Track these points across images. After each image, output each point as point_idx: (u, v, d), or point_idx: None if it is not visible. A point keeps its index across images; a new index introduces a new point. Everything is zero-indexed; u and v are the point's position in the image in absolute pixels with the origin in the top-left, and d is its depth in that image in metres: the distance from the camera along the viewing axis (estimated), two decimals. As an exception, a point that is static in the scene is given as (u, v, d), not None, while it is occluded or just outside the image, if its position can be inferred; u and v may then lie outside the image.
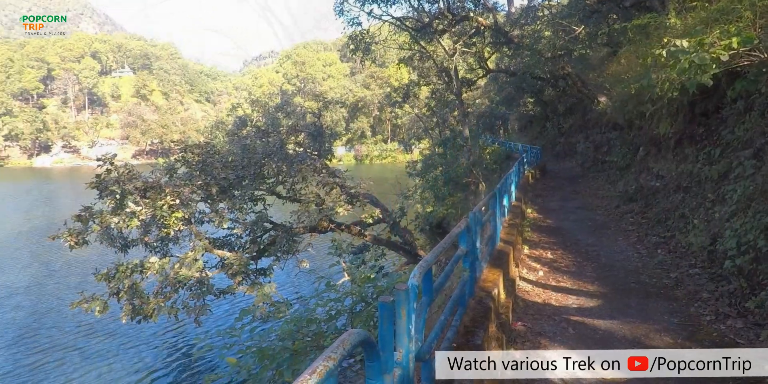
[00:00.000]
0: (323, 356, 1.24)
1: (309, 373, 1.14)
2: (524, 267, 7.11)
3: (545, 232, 9.48)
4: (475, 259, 4.23)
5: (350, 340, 1.37)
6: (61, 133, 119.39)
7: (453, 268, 3.21)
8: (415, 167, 30.05)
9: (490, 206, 6.11)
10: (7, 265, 21.97)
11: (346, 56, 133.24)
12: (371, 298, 3.35)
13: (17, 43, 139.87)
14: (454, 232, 3.30)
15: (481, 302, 4.00)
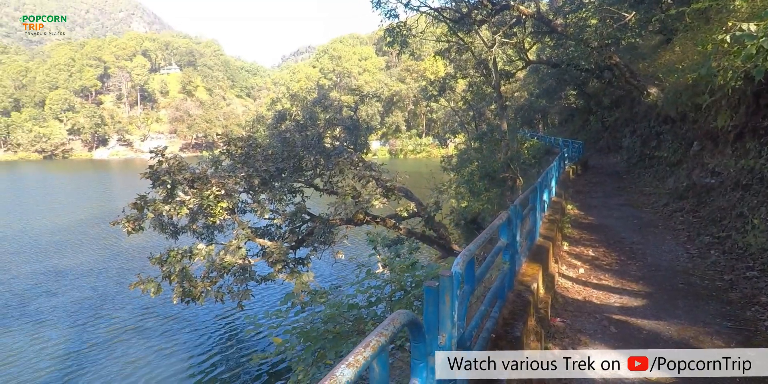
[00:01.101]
0: (375, 332, 1.31)
1: (363, 346, 1.21)
2: (564, 263, 6.98)
3: (586, 229, 9.23)
4: (515, 252, 4.20)
5: (399, 320, 1.42)
6: (117, 127, 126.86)
7: (494, 259, 3.22)
8: (450, 162, 29.79)
9: (530, 200, 6.03)
10: (74, 249, 23.59)
11: (382, 50, 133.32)
12: (410, 286, 3.40)
13: (78, 43, 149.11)
14: (495, 224, 3.30)
15: (520, 296, 3.98)
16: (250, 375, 10.91)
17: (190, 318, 14.14)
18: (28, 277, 18.82)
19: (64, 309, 15.14)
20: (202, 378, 10.81)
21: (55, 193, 51.82)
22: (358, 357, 1.16)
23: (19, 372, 11.05)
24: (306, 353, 3.02)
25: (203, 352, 12.07)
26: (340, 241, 13.24)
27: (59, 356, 11.84)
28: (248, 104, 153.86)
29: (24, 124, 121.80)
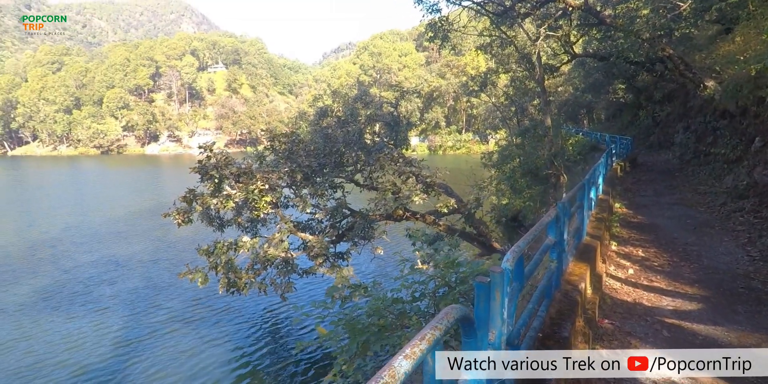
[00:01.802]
0: (430, 326, 1.32)
1: (419, 339, 1.23)
2: (612, 264, 6.74)
3: (636, 228, 8.87)
4: (562, 250, 4.10)
5: (453, 314, 1.43)
6: (167, 124, 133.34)
7: (542, 257, 3.15)
8: (490, 158, 29.29)
9: (577, 198, 5.85)
10: (129, 239, 25.00)
11: (422, 46, 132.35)
12: (454, 282, 3.39)
13: (132, 44, 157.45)
14: (544, 221, 3.23)
15: (567, 295, 3.89)
16: (292, 364, 11.20)
17: (238, 309, 14.63)
18: (90, 265, 20.08)
19: (122, 297, 16.03)
20: (246, 366, 11.20)
21: (111, 186, 55.15)
22: (415, 349, 1.18)
23: (85, 356, 11.78)
24: (351, 344, 3.08)
25: (249, 342, 12.47)
26: (380, 237, 13.32)
27: (117, 343, 12.54)
28: (290, 101, 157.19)
29: (83, 121, 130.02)
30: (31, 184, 59.55)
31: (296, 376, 10.78)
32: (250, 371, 10.98)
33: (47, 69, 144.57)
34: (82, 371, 10.98)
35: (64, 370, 11.00)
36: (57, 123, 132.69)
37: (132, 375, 10.74)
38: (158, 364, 11.20)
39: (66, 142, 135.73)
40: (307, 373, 10.74)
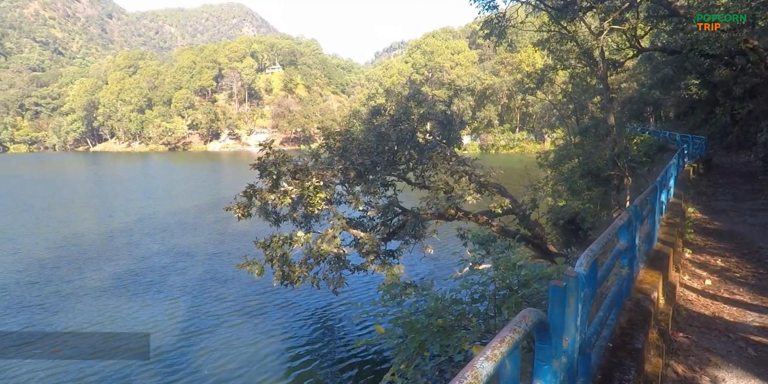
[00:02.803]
0: (508, 328, 1.26)
1: (498, 341, 1.17)
2: (686, 273, 6.23)
3: (713, 235, 8.17)
4: (633, 256, 3.82)
5: (531, 318, 1.35)
6: (228, 122, 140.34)
7: (613, 262, 2.94)
8: (547, 158, 28.36)
9: (648, 201, 5.46)
10: (193, 231, 26.49)
11: (475, 43, 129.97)
12: (516, 285, 3.24)
13: (198, 48, 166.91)
14: (616, 225, 3.01)
15: (639, 304, 3.61)
16: (346, 360, 11.32)
17: (297, 304, 14.92)
18: (160, 255, 21.40)
19: (189, 287, 16.89)
20: (301, 359, 11.44)
21: (177, 180, 58.75)
22: (495, 351, 1.12)
23: (158, 341, 12.52)
24: (410, 344, 3.02)
25: (305, 336, 12.71)
26: (430, 236, 13.19)
27: (184, 330, 13.20)
28: (343, 100, 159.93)
29: (154, 120, 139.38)
30: (109, 178, 64.68)
31: (348, 371, 10.90)
32: (305, 364, 11.21)
33: (124, 72, 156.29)
34: (155, 355, 11.65)
35: (141, 354, 11.73)
36: (131, 122, 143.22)
37: (197, 361, 11.26)
38: (220, 352, 11.69)
39: (139, 139, 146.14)
40: (362, 369, 10.82)
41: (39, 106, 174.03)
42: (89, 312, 14.33)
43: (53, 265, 19.65)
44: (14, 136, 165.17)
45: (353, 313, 13.80)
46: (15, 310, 14.55)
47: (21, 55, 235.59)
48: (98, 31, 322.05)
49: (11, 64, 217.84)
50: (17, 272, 18.50)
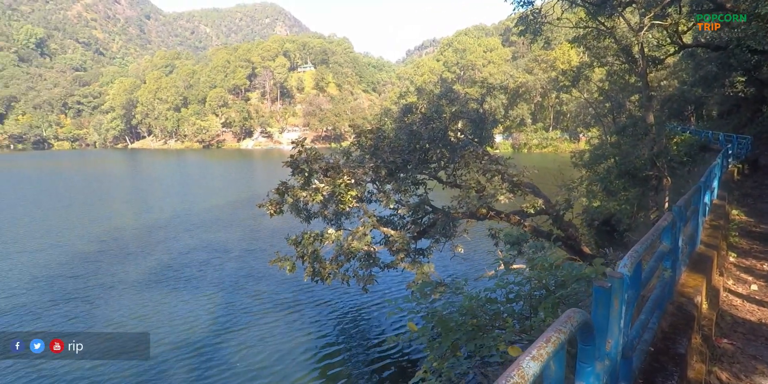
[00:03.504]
0: (553, 328, 1.25)
1: (544, 341, 1.17)
2: (730, 277, 5.99)
3: (759, 239, 7.81)
4: (676, 259, 3.70)
5: (576, 318, 1.34)
6: (260, 121, 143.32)
7: (657, 264, 2.86)
8: (582, 157, 27.72)
9: (692, 202, 5.27)
10: (227, 227, 27.19)
11: (508, 40, 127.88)
12: (553, 286, 3.19)
13: (233, 47, 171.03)
14: (660, 226, 2.93)
15: (681, 308, 3.51)
16: (375, 356, 11.41)
17: (329, 300, 15.14)
18: (195, 249, 22.07)
19: (223, 281, 17.36)
20: (330, 354, 11.60)
21: (211, 177, 60.50)
22: (541, 351, 1.12)
23: (197, 337, 12.96)
24: (444, 342, 3.03)
25: (337, 332, 12.88)
26: (460, 235, 13.10)
27: (221, 325, 13.56)
28: (373, 99, 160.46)
29: (189, 118, 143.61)
30: (147, 174, 67.25)
31: (374, 364, 10.98)
32: (334, 355, 11.39)
33: (161, 72, 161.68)
34: (192, 348, 12.04)
35: (180, 346, 12.14)
36: (168, 120, 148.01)
37: (233, 356, 11.55)
38: (254, 347, 11.93)
39: (174, 137, 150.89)
40: (391, 365, 10.88)
41: (81, 105, 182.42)
42: (131, 306, 14.83)
43: (95, 258, 20.54)
44: (58, 134, 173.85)
45: (384, 310, 13.88)
46: (62, 302, 15.19)
47: (65, 55, 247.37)
48: (137, 32, 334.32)
49: (56, 64, 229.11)
50: (62, 265, 19.38)
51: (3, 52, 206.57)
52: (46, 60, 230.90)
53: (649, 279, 2.66)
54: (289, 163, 11.04)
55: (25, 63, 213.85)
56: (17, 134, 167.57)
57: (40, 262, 19.84)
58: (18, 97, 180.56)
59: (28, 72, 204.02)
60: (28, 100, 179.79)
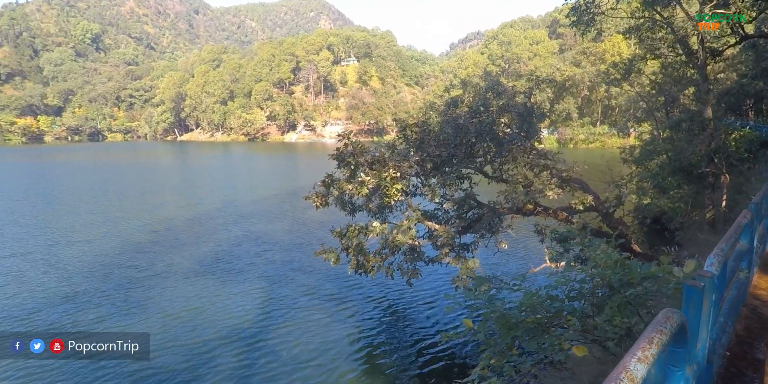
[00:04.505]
0: (652, 329, 1.23)
1: (646, 342, 1.15)
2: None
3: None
4: (750, 259, 3.50)
5: (675, 319, 1.30)
6: (303, 114, 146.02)
7: (737, 264, 2.72)
8: (632, 153, 26.67)
9: (765, 200, 4.94)
10: (272, 219, 27.94)
11: (555, 33, 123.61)
12: (617, 284, 3.08)
13: (277, 41, 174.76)
14: (740, 223, 2.77)
15: (756, 312, 3.32)
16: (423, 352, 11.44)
17: (376, 293, 15.28)
18: (245, 242, 22.65)
19: (269, 271, 17.85)
20: (375, 347, 11.74)
21: (256, 169, 62.45)
22: (646, 353, 1.10)
23: (244, 325, 13.43)
24: (504, 339, 2.99)
25: (384, 326, 12.97)
26: (505, 231, 12.89)
27: (268, 314, 13.94)
28: (416, 92, 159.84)
29: (235, 112, 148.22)
30: (195, 166, 70.17)
31: (419, 359, 11.03)
32: (381, 351, 11.46)
33: (209, 66, 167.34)
34: (245, 337, 12.51)
35: (227, 333, 12.61)
36: (215, 113, 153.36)
37: (279, 345, 11.88)
38: (300, 337, 12.21)
39: (221, 129, 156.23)
40: (439, 361, 10.85)
41: (133, 98, 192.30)
42: (187, 296, 15.34)
43: (149, 248, 21.47)
44: (111, 126, 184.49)
45: (433, 306, 13.90)
46: (121, 290, 15.92)
47: (118, 50, 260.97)
48: (186, 27, 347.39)
49: (110, 58, 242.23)
50: (118, 255, 20.35)
51: (61, 48, 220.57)
52: (100, 55, 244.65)
53: (730, 279, 2.52)
54: (335, 156, 11.17)
55: (82, 58, 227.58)
56: (74, 126, 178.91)
57: (102, 251, 20.95)
58: (75, 90, 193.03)
59: (84, 66, 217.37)
60: (84, 93, 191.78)
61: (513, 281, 3.47)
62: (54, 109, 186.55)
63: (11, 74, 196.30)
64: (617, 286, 3.01)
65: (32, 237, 23.98)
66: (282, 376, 10.26)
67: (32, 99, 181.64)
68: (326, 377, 10.19)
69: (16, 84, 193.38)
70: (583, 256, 12.82)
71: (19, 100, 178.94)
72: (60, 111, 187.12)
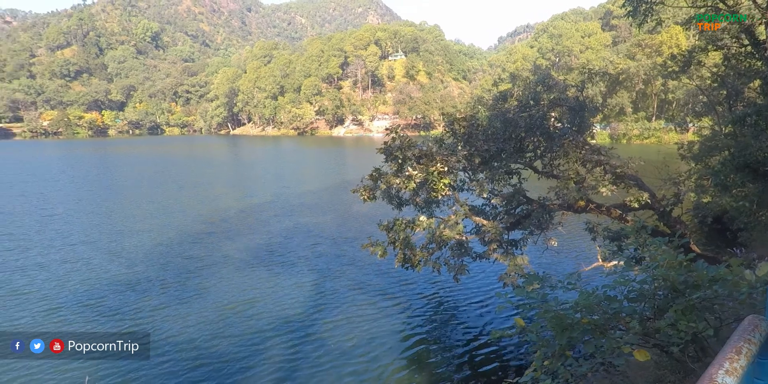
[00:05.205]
0: (738, 338, 1.16)
1: (734, 352, 1.10)
2: None
3: None
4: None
5: (763, 327, 1.21)
6: (351, 109, 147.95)
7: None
8: (690, 149, 25.15)
9: None
10: (319, 211, 28.59)
11: (608, 24, 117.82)
12: (682, 286, 2.92)
13: (326, 37, 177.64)
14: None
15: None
16: (468, 349, 11.40)
17: (421, 289, 15.40)
18: (295, 233, 23.27)
19: (318, 263, 18.32)
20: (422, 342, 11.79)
21: (305, 163, 64.15)
22: (734, 365, 1.03)
23: (292, 314, 13.92)
24: (559, 340, 2.92)
25: (431, 322, 13.05)
26: (555, 228, 12.53)
27: (316, 304, 14.40)
28: (463, 86, 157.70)
29: (285, 106, 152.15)
30: (247, 159, 72.92)
31: (466, 357, 10.98)
32: (427, 347, 11.50)
33: (261, 62, 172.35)
34: (287, 325, 12.94)
35: (279, 325, 13.06)
36: (266, 107, 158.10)
37: (323, 335, 12.24)
38: (345, 327, 12.53)
39: (271, 124, 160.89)
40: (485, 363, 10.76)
41: (189, 93, 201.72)
42: (239, 288, 15.86)
43: (204, 239, 22.39)
44: (169, 120, 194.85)
45: (485, 304, 13.81)
46: (178, 280, 16.69)
47: (175, 47, 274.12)
48: (239, 24, 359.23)
49: (168, 56, 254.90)
50: (176, 245, 21.37)
51: (124, 46, 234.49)
52: (159, 52, 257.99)
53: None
54: (382, 150, 11.23)
55: (142, 55, 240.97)
56: (135, 120, 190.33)
57: (161, 241, 22.07)
58: (136, 86, 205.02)
59: (144, 63, 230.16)
60: (145, 89, 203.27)
61: (566, 280, 3.36)
62: (117, 104, 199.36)
63: (79, 71, 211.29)
64: (682, 289, 2.86)
65: (98, 226, 25.71)
66: (331, 369, 10.49)
67: (97, 95, 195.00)
68: (377, 373, 10.30)
69: (83, 80, 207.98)
70: (639, 255, 12.23)
71: (86, 95, 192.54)
72: (122, 106, 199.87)
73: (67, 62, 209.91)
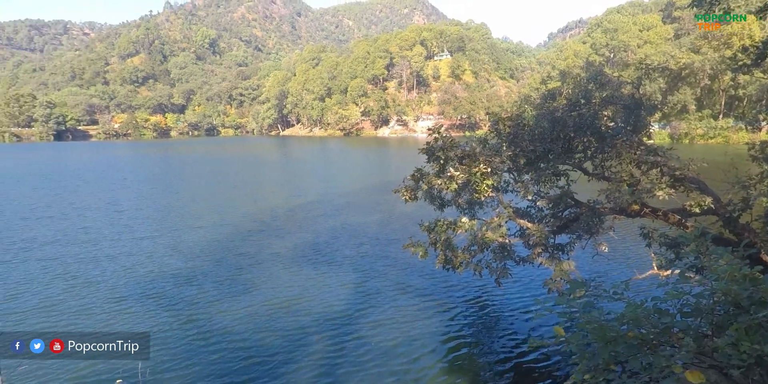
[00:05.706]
0: None
1: None
2: None
3: None
4: None
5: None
6: (396, 109, 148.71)
7: None
8: (763, 149, 23.01)
9: None
10: (362, 211, 28.96)
11: (670, 17, 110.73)
12: (746, 302, 2.63)
13: (372, 38, 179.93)
14: None
15: None
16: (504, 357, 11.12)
17: (462, 293, 15.18)
18: (340, 233, 23.67)
19: (361, 263, 18.49)
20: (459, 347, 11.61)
21: (351, 163, 65.25)
22: None
23: (333, 313, 14.19)
24: (602, 353, 2.71)
25: (467, 326, 12.88)
26: (605, 233, 11.89)
27: (358, 302, 14.59)
28: (510, 85, 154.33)
29: (332, 108, 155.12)
30: (295, 159, 75.06)
31: (505, 363, 10.69)
32: (463, 352, 11.34)
33: (309, 64, 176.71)
34: (330, 323, 13.20)
35: (323, 322, 13.37)
36: (313, 109, 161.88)
37: (364, 333, 12.35)
38: (386, 327, 12.55)
39: (319, 125, 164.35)
40: (520, 371, 10.47)
41: (243, 96, 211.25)
42: (286, 285, 16.22)
43: (255, 237, 23.10)
44: (225, 122, 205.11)
45: (523, 309, 13.48)
46: (230, 275, 17.30)
47: (231, 53, 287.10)
48: (289, 29, 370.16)
49: (224, 61, 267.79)
50: (229, 242, 22.20)
51: (185, 53, 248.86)
52: (216, 57, 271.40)
53: None
54: (424, 150, 11.09)
55: (201, 61, 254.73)
56: (194, 122, 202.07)
57: (215, 237, 23.02)
58: (195, 90, 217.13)
59: (203, 68, 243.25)
60: (203, 93, 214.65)
61: (614, 289, 3.12)
62: (178, 107, 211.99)
63: (146, 77, 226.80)
64: (746, 305, 2.58)
65: (159, 222, 27.30)
66: (373, 368, 10.53)
67: (161, 99, 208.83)
68: (418, 375, 10.25)
69: (149, 86, 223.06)
70: (698, 265, 11.37)
71: (151, 100, 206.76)
72: (183, 109, 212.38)
73: (136, 69, 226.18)
